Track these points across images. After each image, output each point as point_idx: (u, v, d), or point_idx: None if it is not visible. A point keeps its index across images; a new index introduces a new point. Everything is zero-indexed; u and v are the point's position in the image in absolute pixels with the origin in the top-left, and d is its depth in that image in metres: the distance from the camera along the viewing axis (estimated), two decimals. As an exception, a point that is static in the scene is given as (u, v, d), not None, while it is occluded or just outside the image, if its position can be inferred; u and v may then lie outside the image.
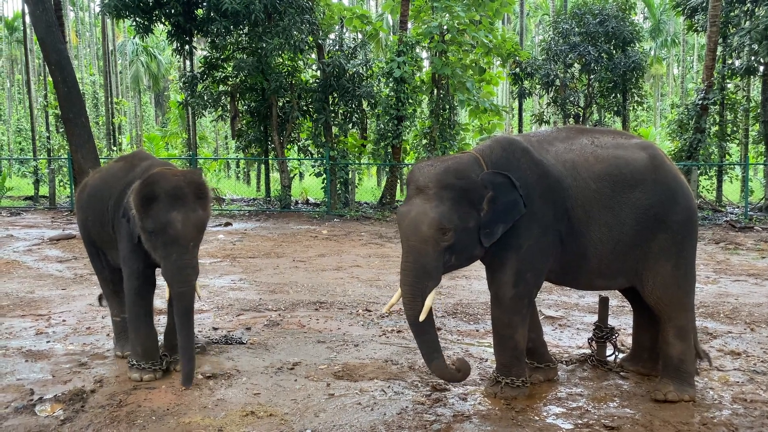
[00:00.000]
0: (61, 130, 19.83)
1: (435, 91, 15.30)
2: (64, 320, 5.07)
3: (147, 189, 3.33)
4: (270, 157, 16.26)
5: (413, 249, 3.07)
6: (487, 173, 3.13)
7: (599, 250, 3.25)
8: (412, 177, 3.23)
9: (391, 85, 14.46)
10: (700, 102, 13.71)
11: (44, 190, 17.63)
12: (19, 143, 32.06)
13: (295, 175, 17.95)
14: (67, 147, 15.83)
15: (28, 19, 19.37)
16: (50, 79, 15.34)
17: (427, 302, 3.06)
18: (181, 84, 16.85)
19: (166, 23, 15.02)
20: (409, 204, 3.14)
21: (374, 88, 15.19)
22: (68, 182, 16.71)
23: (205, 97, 15.40)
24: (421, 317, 3.06)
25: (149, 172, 3.53)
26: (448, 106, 15.25)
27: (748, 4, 14.24)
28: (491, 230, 3.11)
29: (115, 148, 25.38)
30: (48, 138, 20.69)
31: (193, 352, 3.41)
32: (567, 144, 3.35)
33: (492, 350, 4.14)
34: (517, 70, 16.50)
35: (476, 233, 3.12)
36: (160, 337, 3.93)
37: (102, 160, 14.77)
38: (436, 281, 3.10)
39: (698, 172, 13.77)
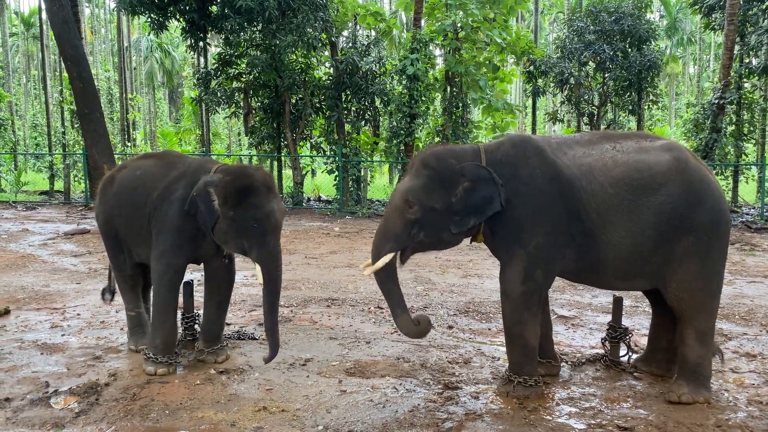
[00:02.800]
0: (76, 126, 19.98)
1: (448, 89, 15.23)
2: (78, 314, 5.12)
3: (244, 181, 3.54)
4: (283, 154, 16.28)
5: (386, 214, 3.42)
6: (470, 164, 3.24)
7: (616, 252, 3.21)
8: (415, 156, 3.53)
9: (404, 82, 14.41)
10: (717, 101, 13.54)
11: (59, 185, 17.80)
12: (35, 138, 32.35)
13: (308, 172, 17.93)
14: (82, 142, 15.96)
15: (44, 15, 19.54)
16: (66, 74, 15.46)
17: (380, 261, 3.30)
18: (194, 80, 16.93)
19: (181, 20, 15.08)
20: (403, 178, 3.48)
21: (387, 86, 15.15)
22: (83, 177, 16.84)
23: (219, 94, 15.44)
24: (367, 271, 3.36)
25: (218, 166, 3.73)
26: (461, 104, 15.18)
27: (767, 3, 14.04)
28: (461, 219, 3.24)
29: (129, 144, 25.56)
30: (63, 133, 20.84)
31: (278, 333, 3.63)
32: (587, 148, 3.33)
33: (504, 349, 4.15)
34: (531, 68, 16.38)
35: (446, 217, 3.26)
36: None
37: (116, 156, 14.89)
38: (395, 246, 3.31)
39: (714, 172, 13.60)
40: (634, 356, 3.93)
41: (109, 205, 4.05)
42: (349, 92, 15.21)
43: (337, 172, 14.66)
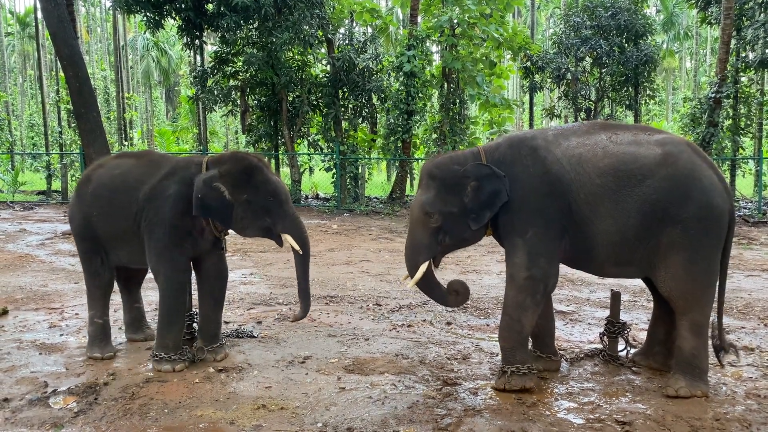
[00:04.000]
0: (73, 125, 19.93)
1: (445, 86, 15.23)
2: (76, 314, 5.11)
3: (245, 163, 3.71)
4: (280, 151, 16.28)
5: (410, 229, 3.63)
6: (472, 165, 3.44)
7: (605, 240, 3.32)
8: (421, 170, 3.73)
9: (401, 79, 14.41)
10: (713, 95, 13.56)
11: (57, 184, 17.77)
12: (32, 138, 32.30)
13: (305, 169, 17.96)
14: (79, 142, 15.93)
15: (40, 14, 19.48)
16: (62, 74, 15.42)
17: (419, 272, 3.51)
18: (191, 79, 16.90)
19: (177, 18, 15.04)
20: (416, 193, 3.69)
21: (384, 83, 15.14)
22: (80, 177, 16.83)
23: (216, 92, 15.42)
24: (410, 284, 3.59)
25: (206, 161, 3.77)
26: (458, 101, 15.18)
27: (763, -3, 14.04)
28: (477, 215, 3.43)
29: (126, 143, 25.51)
30: (60, 133, 20.81)
31: (309, 291, 3.90)
32: (582, 139, 3.42)
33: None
34: (528, 63, 16.38)
35: (463, 217, 3.46)
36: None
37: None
38: (427, 256, 3.53)
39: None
40: (633, 351, 3.94)
41: (87, 207, 3.91)
42: (346, 89, 15.19)
43: (334, 170, 14.65)
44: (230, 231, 3.87)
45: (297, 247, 3.76)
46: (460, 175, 3.44)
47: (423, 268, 3.50)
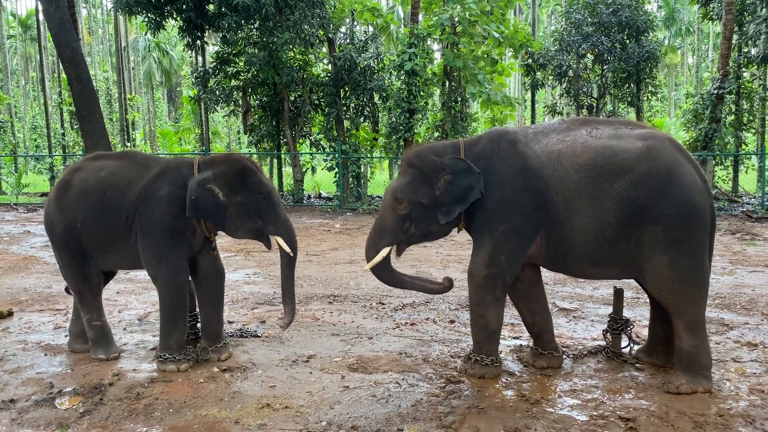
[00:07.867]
0: (75, 127, 20.00)
1: (447, 84, 15.22)
2: (81, 315, 5.12)
3: (239, 165, 3.72)
4: (282, 151, 16.29)
5: (380, 212, 3.64)
6: (449, 158, 3.43)
7: (583, 238, 3.26)
8: (402, 157, 3.79)
9: (402, 77, 14.40)
10: (716, 91, 13.52)
11: (60, 186, 17.79)
12: (35, 140, 32.39)
13: (308, 169, 17.98)
14: (82, 143, 15.98)
15: (41, 16, 19.52)
16: (64, 76, 15.47)
17: (378, 256, 3.54)
18: (193, 79, 16.94)
19: (178, 19, 15.08)
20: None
21: (385, 81, 15.14)
22: (83, 178, 16.84)
23: (217, 93, 15.45)
24: (367, 266, 3.61)
25: (198, 162, 3.76)
26: (459, 99, 15.17)
27: (765, -8, 14.00)
28: (447, 209, 3.43)
29: (129, 144, 25.58)
30: (63, 135, 20.89)
31: (294, 294, 3.88)
32: (561, 135, 3.39)
33: (505, 342, 4.17)
34: (530, 61, 16.35)
35: (433, 210, 3.46)
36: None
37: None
38: (390, 240, 3.54)
39: (713, 162, 13.60)
40: (636, 347, 3.94)
41: (71, 212, 3.81)
42: (347, 88, 15.21)
43: (337, 169, 14.67)
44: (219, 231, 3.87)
45: (288, 250, 3.78)
46: (436, 166, 3.44)
47: (384, 252, 3.52)
